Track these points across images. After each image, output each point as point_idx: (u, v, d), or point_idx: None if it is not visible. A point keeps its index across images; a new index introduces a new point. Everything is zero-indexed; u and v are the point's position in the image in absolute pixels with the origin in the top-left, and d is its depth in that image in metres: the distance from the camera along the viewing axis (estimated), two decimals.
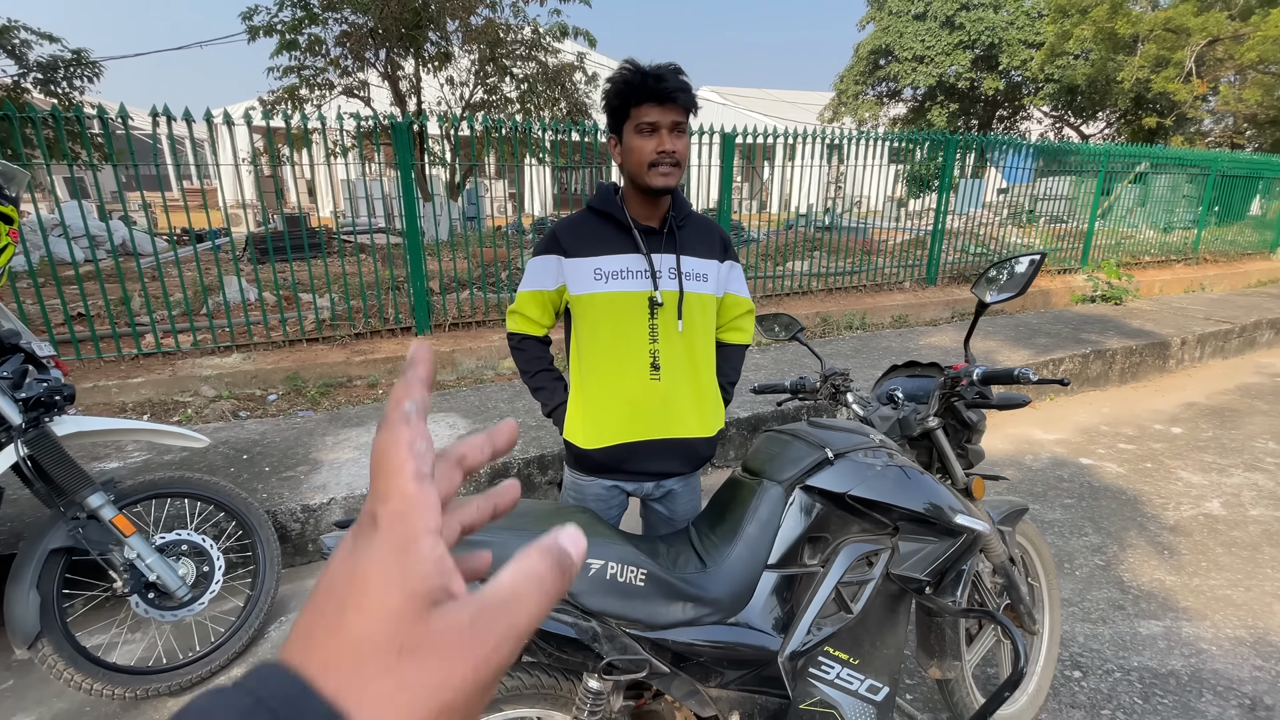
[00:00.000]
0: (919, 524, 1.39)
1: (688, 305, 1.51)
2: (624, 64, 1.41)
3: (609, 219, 1.51)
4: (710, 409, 1.60)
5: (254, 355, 4.17)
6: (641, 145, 1.40)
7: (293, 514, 2.55)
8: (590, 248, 1.49)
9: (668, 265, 1.51)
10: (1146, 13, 14.65)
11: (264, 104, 10.94)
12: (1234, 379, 5.39)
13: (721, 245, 1.62)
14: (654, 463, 1.56)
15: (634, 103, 1.39)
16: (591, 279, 1.48)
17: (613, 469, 1.56)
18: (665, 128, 1.38)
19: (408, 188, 4.34)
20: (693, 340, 1.53)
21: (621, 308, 1.48)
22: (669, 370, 1.51)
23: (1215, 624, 2.32)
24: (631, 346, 1.49)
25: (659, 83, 1.35)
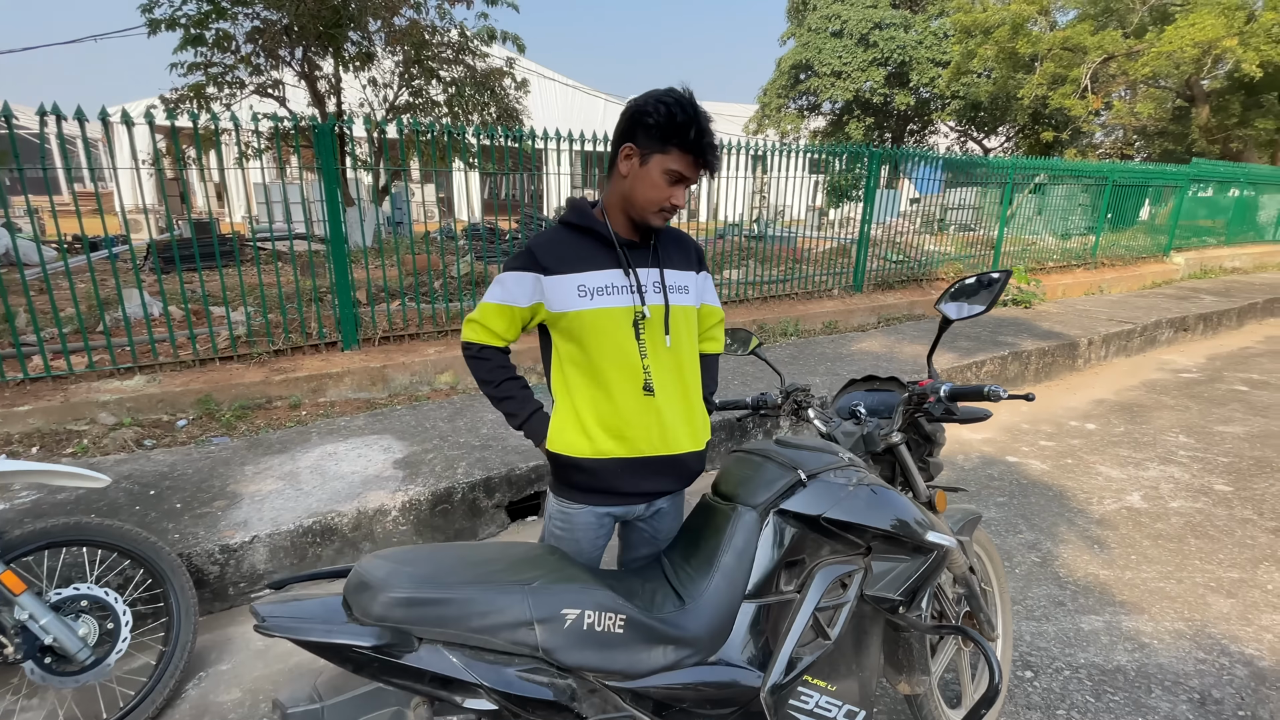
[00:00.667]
0: (890, 543, 1.37)
1: (674, 319, 1.47)
2: (685, 95, 1.33)
3: (589, 234, 1.45)
4: (700, 422, 1.55)
5: (160, 377, 3.81)
6: (662, 188, 1.37)
7: (210, 555, 2.31)
8: (571, 264, 1.42)
9: (652, 279, 1.46)
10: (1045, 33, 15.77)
11: (166, 102, 10.20)
12: (1138, 376, 5.80)
13: (696, 256, 1.59)
14: (649, 481, 1.49)
15: (676, 142, 1.32)
16: (575, 296, 1.41)
17: (605, 490, 1.47)
18: (686, 185, 1.39)
19: (331, 193, 4.09)
20: (680, 354, 1.49)
21: (609, 324, 1.42)
22: (661, 385, 1.45)
23: (1154, 617, 2.43)
24: (624, 363, 1.42)
25: (706, 143, 1.33)
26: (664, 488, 1.52)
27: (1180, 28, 13.09)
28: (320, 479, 2.79)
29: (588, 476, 1.46)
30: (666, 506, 1.57)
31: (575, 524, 1.50)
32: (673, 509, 1.59)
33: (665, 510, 1.57)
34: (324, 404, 3.98)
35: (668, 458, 1.47)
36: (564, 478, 1.49)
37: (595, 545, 1.52)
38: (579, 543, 1.50)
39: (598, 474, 1.45)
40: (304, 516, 2.49)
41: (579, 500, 1.49)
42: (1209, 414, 4.80)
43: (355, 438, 3.25)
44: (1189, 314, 7.21)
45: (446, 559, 1.12)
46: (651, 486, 1.49)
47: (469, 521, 2.81)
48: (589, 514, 1.49)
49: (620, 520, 1.55)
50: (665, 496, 1.55)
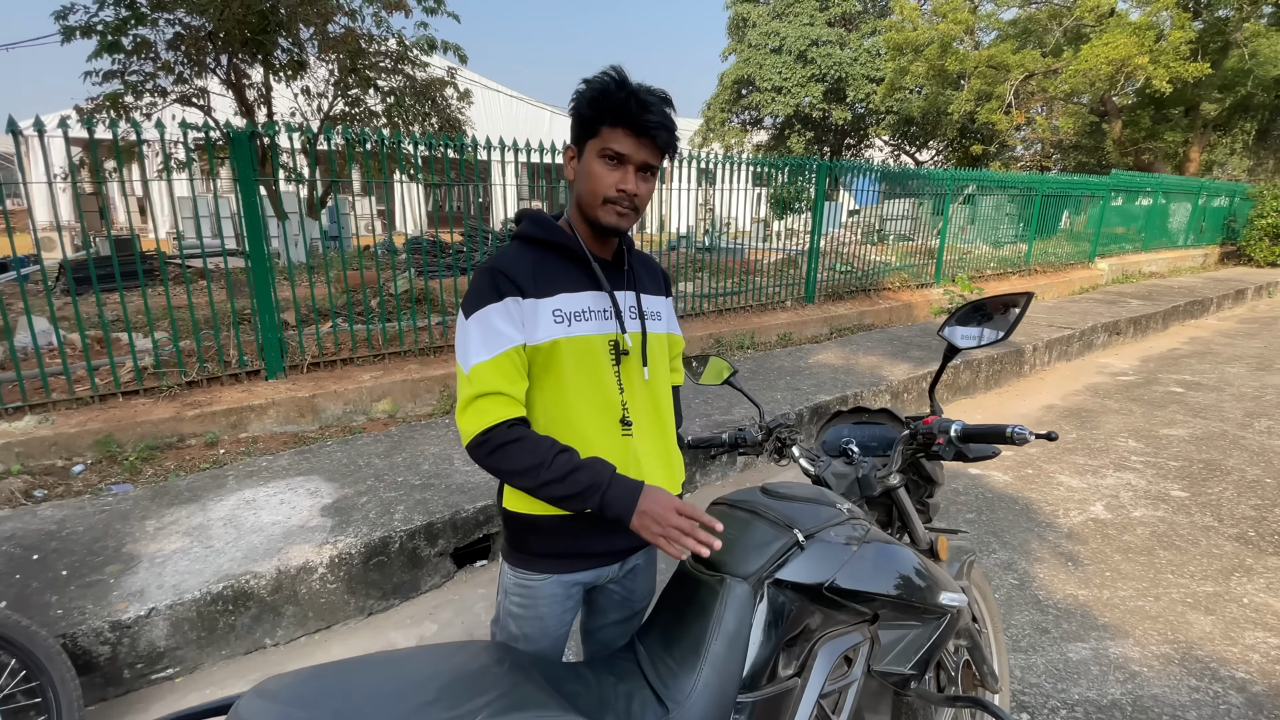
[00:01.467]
0: (900, 608, 1.19)
1: (651, 348, 1.27)
2: (608, 70, 1.12)
3: (559, 251, 1.22)
4: (676, 463, 1.35)
5: (53, 416, 3.36)
6: (602, 174, 1.15)
7: (99, 634, 1.96)
8: (544, 286, 1.19)
9: (628, 304, 1.26)
10: (971, 51, 16.44)
11: (81, 112, 9.44)
12: (1081, 380, 5.92)
13: (664, 281, 1.40)
14: (623, 537, 1.20)
15: (607, 121, 1.12)
16: (551, 322, 1.18)
17: (572, 554, 1.24)
18: (634, 165, 1.14)
19: (250, 205, 3.73)
20: (656, 387, 1.30)
21: (587, 354, 1.20)
22: (638, 424, 1.25)
23: (1139, 641, 2.35)
24: (601, 398, 1.21)
25: (643, 111, 1.11)
26: (640, 541, 1.26)
27: (1095, 46, 13.83)
28: (235, 533, 2.45)
29: (551, 539, 1.22)
30: (641, 562, 1.35)
31: (538, 599, 1.25)
32: (648, 564, 1.38)
33: (640, 567, 1.35)
34: (245, 440, 3.59)
35: None
36: (522, 543, 1.25)
37: (562, 621, 1.29)
38: (543, 620, 1.26)
39: (563, 534, 1.21)
40: (213, 580, 2.16)
41: (542, 569, 1.24)
42: (1152, 417, 4.91)
43: (278, 480, 2.91)
44: (1120, 318, 7.48)
45: (356, 689, 0.86)
46: (627, 542, 1.25)
47: (409, 574, 2.52)
48: (554, 585, 1.24)
49: (589, 586, 1.32)
50: (640, 552, 1.34)
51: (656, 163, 1.17)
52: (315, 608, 2.33)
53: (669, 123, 1.14)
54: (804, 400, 4.08)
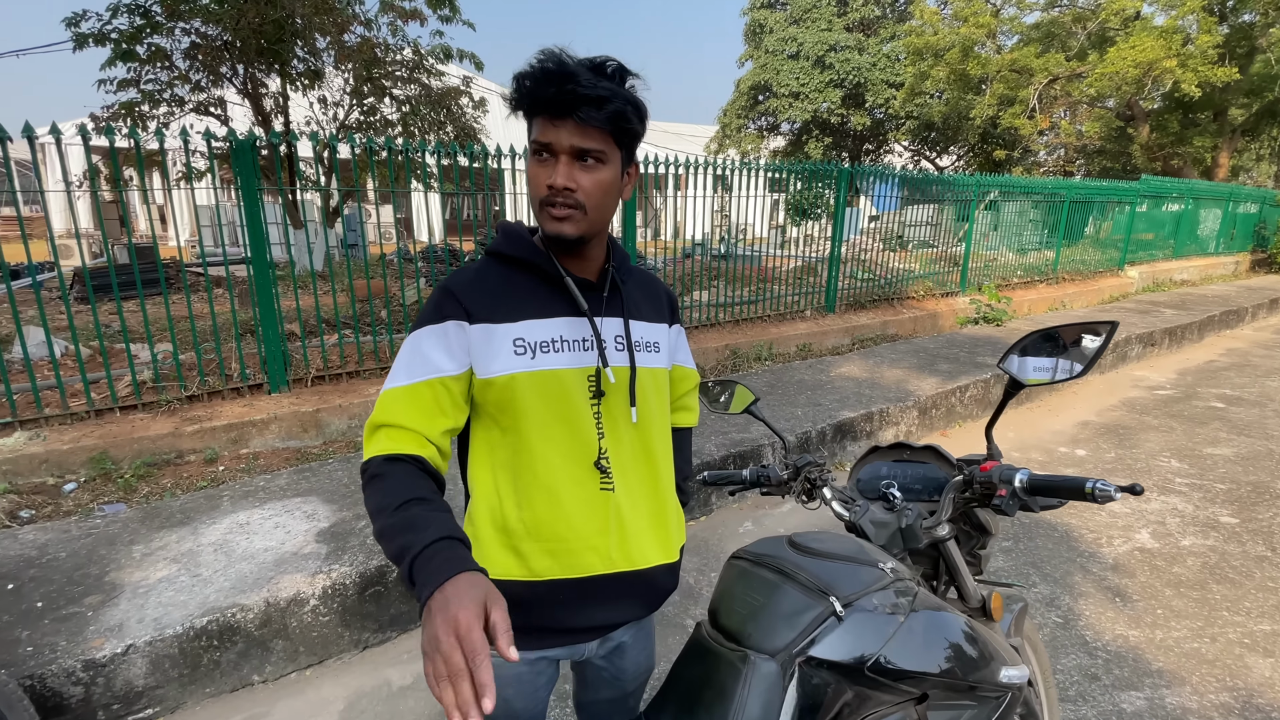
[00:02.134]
0: (952, 687, 1.01)
1: (641, 385, 1.07)
2: (539, 52, 0.94)
3: (528, 269, 1.05)
4: (673, 524, 1.15)
5: (45, 432, 3.27)
6: (534, 174, 0.97)
7: (70, 675, 1.83)
8: (505, 310, 1.01)
9: (614, 333, 1.07)
10: (994, 55, 16.16)
11: (96, 121, 9.53)
12: (1116, 394, 5.66)
13: (669, 305, 1.20)
14: (601, 611, 1.07)
15: (532, 113, 0.95)
16: (511, 354, 1.00)
17: (541, 628, 1.05)
18: (563, 154, 0.94)
19: (253, 213, 3.62)
20: (649, 432, 1.10)
21: (557, 392, 1.01)
22: (621, 476, 1.06)
23: (1196, 689, 2.14)
24: (575, 446, 1.03)
25: (558, 86, 0.90)
26: (623, 617, 1.11)
27: (1122, 50, 13.51)
28: (225, 560, 2.32)
29: (516, 611, 0.98)
30: (629, 639, 1.17)
31: (502, 677, 1.04)
32: (638, 640, 1.19)
33: (628, 644, 1.17)
34: (246, 456, 3.48)
35: (629, 575, 1.07)
36: None
37: (535, 699, 1.11)
38: (509, 703, 1.08)
39: (530, 606, 1.03)
40: (198, 614, 2.02)
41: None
42: (1194, 435, 4.65)
43: (275, 501, 2.78)
44: (1155, 329, 7.19)
45: None
46: (606, 617, 1.09)
47: (407, 604, 2.37)
48: (519, 664, 1.07)
49: (563, 660, 1.14)
50: (626, 627, 1.15)
51: (597, 146, 0.94)
52: (307, 641, 2.19)
53: (600, 93, 0.91)
54: (826, 417, 3.89)
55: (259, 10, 8.68)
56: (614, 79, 0.95)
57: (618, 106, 0.93)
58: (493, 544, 1.03)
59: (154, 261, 4.33)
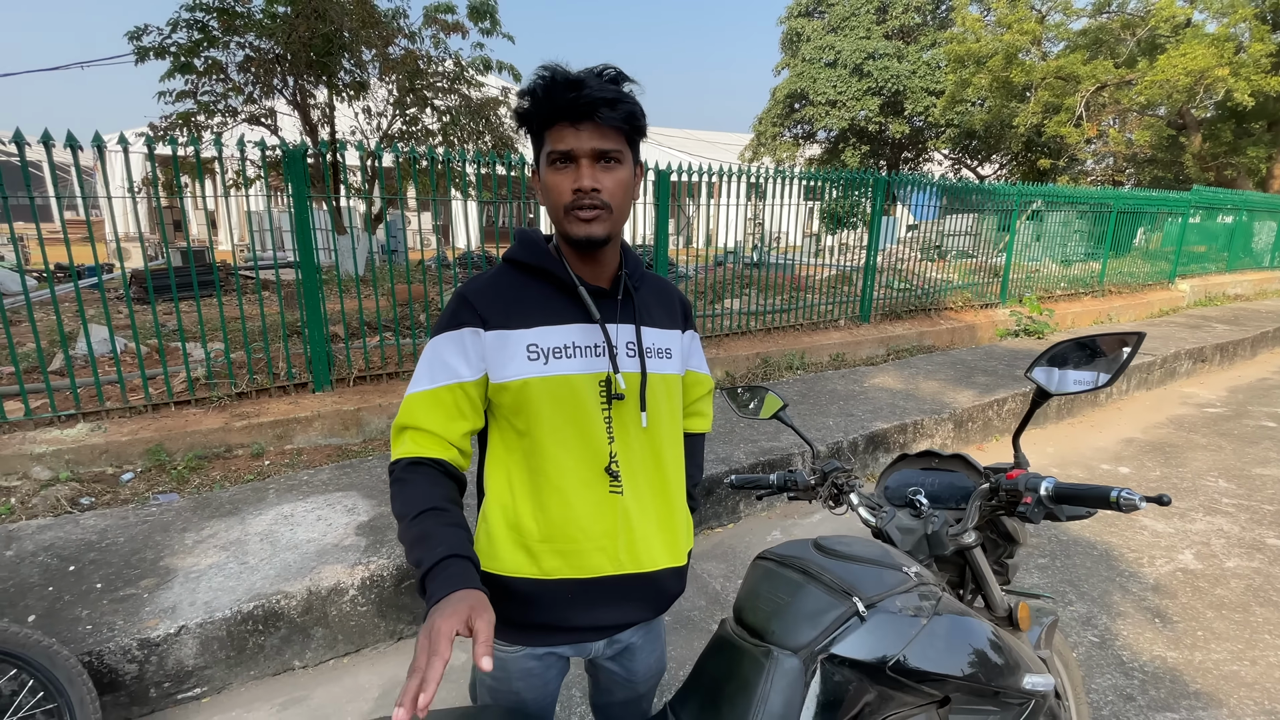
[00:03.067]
0: (975, 692, 1.02)
1: (652, 391, 1.10)
2: (539, 67, 0.99)
3: (543, 277, 1.09)
4: (682, 528, 1.18)
5: (106, 424, 3.45)
6: (556, 183, 1.00)
7: (126, 652, 1.94)
8: (520, 316, 1.05)
9: (625, 339, 1.10)
10: (1038, 62, 15.81)
11: (155, 130, 10.02)
12: (1163, 411, 5.48)
13: (682, 311, 1.23)
14: (608, 611, 1.11)
15: (545, 124, 0.99)
16: (524, 359, 1.04)
17: (548, 626, 1.09)
18: (584, 156, 0.98)
19: (302, 220, 3.78)
20: (659, 437, 1.12)
21: (568, 397, 1.05)
22: (631, 480, 1.09)
23: (1234, 711, 2.08)
24: (585, 449, 1.06)
25: (573, 91, 0.95)
26: (629, 618, 1.14)
27: (1173, 57, 13.10)
28: (270, 549, 2.43)
29: (525, 607, 1.07)
30: (639, 641, 1.19)
31: (510, 672, 1.10)
32: (647, 642, 1.21)
33: (637, 646, 1.19)
34: (290, 452, 3.62)
35: (636, 577, 1.10)
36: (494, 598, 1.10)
37: (544, 693, 1.14)
38: (519, 695, 1.12)
39: (539, 603, 1.07)
40: (245, 599, 2.12)
41: (513, 640, 1.10)
42: (1244, 454, 4.48)
43: (317, 495, 2.89)
44: (1205, 344, 6.94)
45: None
46: (613, 618, 1.12)
47: None
48: (528, 658, 1.11)
49: (572, 658, 1.18)
50: (634, 628, 1.17)
51: (615, 146, 0.99)
52: (345, 630, 2.27)
53: (610, 95, 0.96)
54: (858, 428, 3.87)
55: (310, 25, 9.02)
56: (617, 84, 1.00)
57: (630, 106, 0.99)
58: (505, 542, 1.07)
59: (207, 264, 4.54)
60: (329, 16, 9.12)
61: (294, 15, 9.04)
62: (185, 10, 9.46)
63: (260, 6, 9.64)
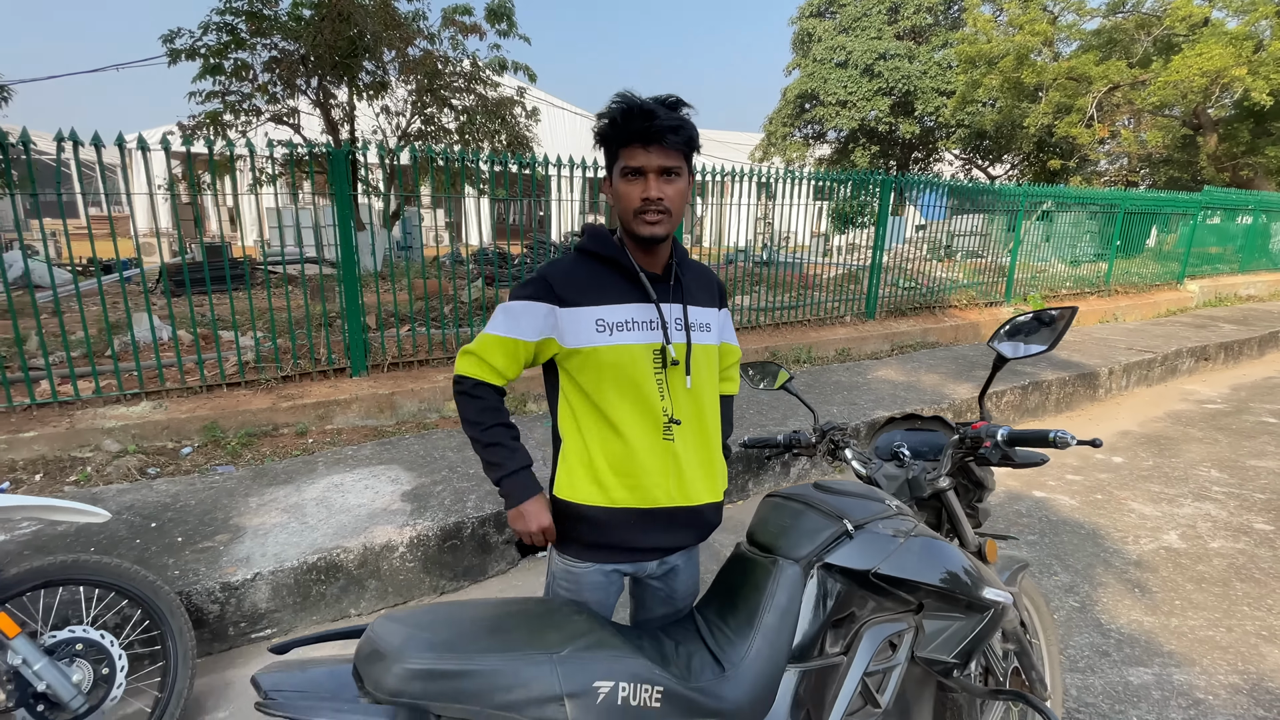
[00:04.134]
0: (944, 600, 1.26)
1: (695, 359, 1.36)
2: (616, 96, 1.26)
3: (609, 264, 1.35)
4: (719, 471, 1.44)
5: (166, 403, 3.74)
6: (627, 191, 1.27)
7: (210, 594, 2.21)
8: (590, 296, 1.32)
9: (674, 316, 1.36)
10: (1050, 63, 15.87)
11: (184, 129, 10.37)
12: (1162, 406, 5.66)
13: (719, 292, 1.50)
14: (664, 536, 1.37)
15: (620, 143, 1.26)
16: (594, 331, 1.30)
17: (615, 546, 1.35)
18: (652, 173, 1.25)
19: (344, 218, 4.05)
20: (701, 397, 1.38)
21: (629, 362, 1.31)
22: (680, 430, 1.34)
23: (1206, 670, 2.29)
24: (643, 404, 1.31)
25: (646, 120, 1.21)
26: (679, 542, 1.40)
27: (1188, 57, 13.14)
28: (326, 512, 2.69)
29: (597, 530, 1.34)
30: (681, 564, 1.44)
31: (582, 584, 1.38)
32: (688, 566, 1.47)
33: (680, 568, 1.45)
34: (331, 431, 3.89)
35: (685, 509, 1.35)
36: (569, 532, 1.36)
37: (604, 606, 1.40)
38: (586, 602, 1.38)
39: (608, 527, 1.33)
40: (309, 552, 2.39)
41: (586, 558, 1.37)
42: (1239, 447, 4.66)
43: (362, 468, 3.16)
44: (1209, 343, 7.08)
45: (465, 621, 1.02)
46: (667, 541, 1.38)
47: (478, 558, 2.70)
48: (597, 573, 1.37)
49: (631, 577, 1.44)
50: (680, 552, 1.43)
51: (676, 164, 1.25)
52: (394, 583, 2.53)
53: (675, 123, 1.22)
54: (861, 415, 4.09)
55: (334, 28, 9.32)
56: (678, 110, 1.26)
57: (690, 132, 1.27)
58: (582, 479, 1.34)
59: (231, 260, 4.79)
60: (353, 19, 9.41)
61: (319, 18, 9.34)
62: (215, 14, 9.79)
63: (286, 10, 9.94)
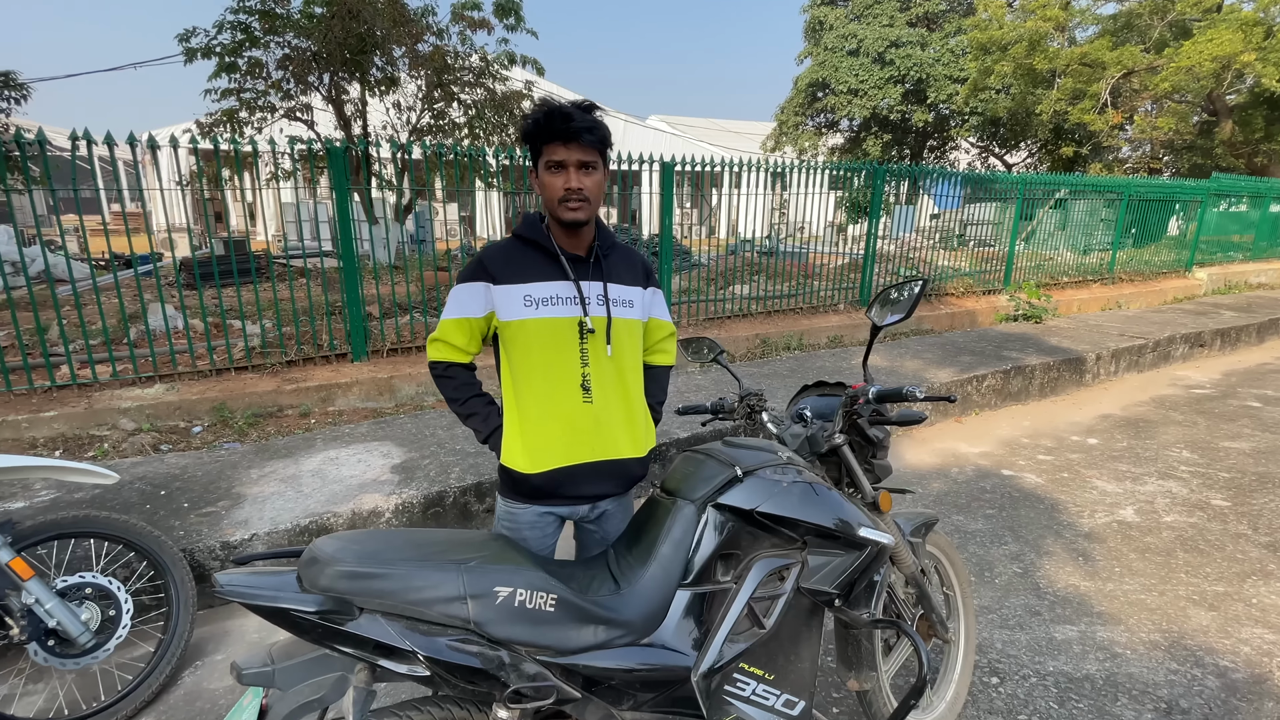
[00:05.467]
0: (826, 538, 1.43)
1: (616, 330, 1.55)
2: (538, 102, 1.47)
3: (537, 247, 1.54)
4: (641, 430, 1.63)
5: (178, 386, 4.00)
6: (550, 181, 1.45)
7: (211, 551, 2.45)
8: (519, 274, 1.51)
9: (595, 292, 1.54)
10: (1063, 49, 15.70)
11: (201, 126, 10.69)
12: (1149, 391, 5.73)
13: (644, 272, 1.67)
14: (589, 485, 1.57)
15: (544, 140, 1.44)
16: (521, 305, 1.50)
17: (549, 494, 1.56)
18: (572, 166, 1.43)
19: (343, 212, 4.28)
20: (621, 364, 1.57)
21: (552, 333, 1.50)
22: (600, 393, 1.53)
23: (1130, 628, 2.44)
24: (563, 370, 1.51)
25: (565, 122, 1.40)
26: (604, 491, 1.59)
27: (1198, 43, 12.97)
28: (320, 482, 2.92)
29: (531, 487, 1.55)
30: (611, 508, 1.64)
31: (520, 523, 1.58)
32: (618, 511, 1.66)
33: (611, 512, 1.64)
34: (332, 413, 4.13)
35: (607, 462, 1.55)
36: (509, 484, 1.58)
37: (543, 544, 1.61)
38: (526, 540, 1.58)
39: (541, 485, 1.54)
40: (301, 516, 2.62)
41: (523, 501, 1.58)
42: (1217, 430, 4.74)
43: (357, 444, 3.39)
44: (1205, 329, 7.11)
45: (395, 540, 1.22)
46: (592, 490, 1.57)
47: (459, 524, 2.91)
48: (532, 513, 1.58)
49: (569, 520, 1.64)
50: (609, 500, 1.62)
51: (593, 158, 1.44)
52: None
53: (589, 124, 1.41)
54: None
55: (345, 25, 9.56)
56: (592, 113, 1.45)
57: (602, 132, 1.47)
58: (518, 449, 1.54)
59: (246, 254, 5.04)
60: (363, 16, 9.64)
61: (330, 16, 9.58)
62: (230, 12, 10.08)
63: (299, 8, 10.20)
